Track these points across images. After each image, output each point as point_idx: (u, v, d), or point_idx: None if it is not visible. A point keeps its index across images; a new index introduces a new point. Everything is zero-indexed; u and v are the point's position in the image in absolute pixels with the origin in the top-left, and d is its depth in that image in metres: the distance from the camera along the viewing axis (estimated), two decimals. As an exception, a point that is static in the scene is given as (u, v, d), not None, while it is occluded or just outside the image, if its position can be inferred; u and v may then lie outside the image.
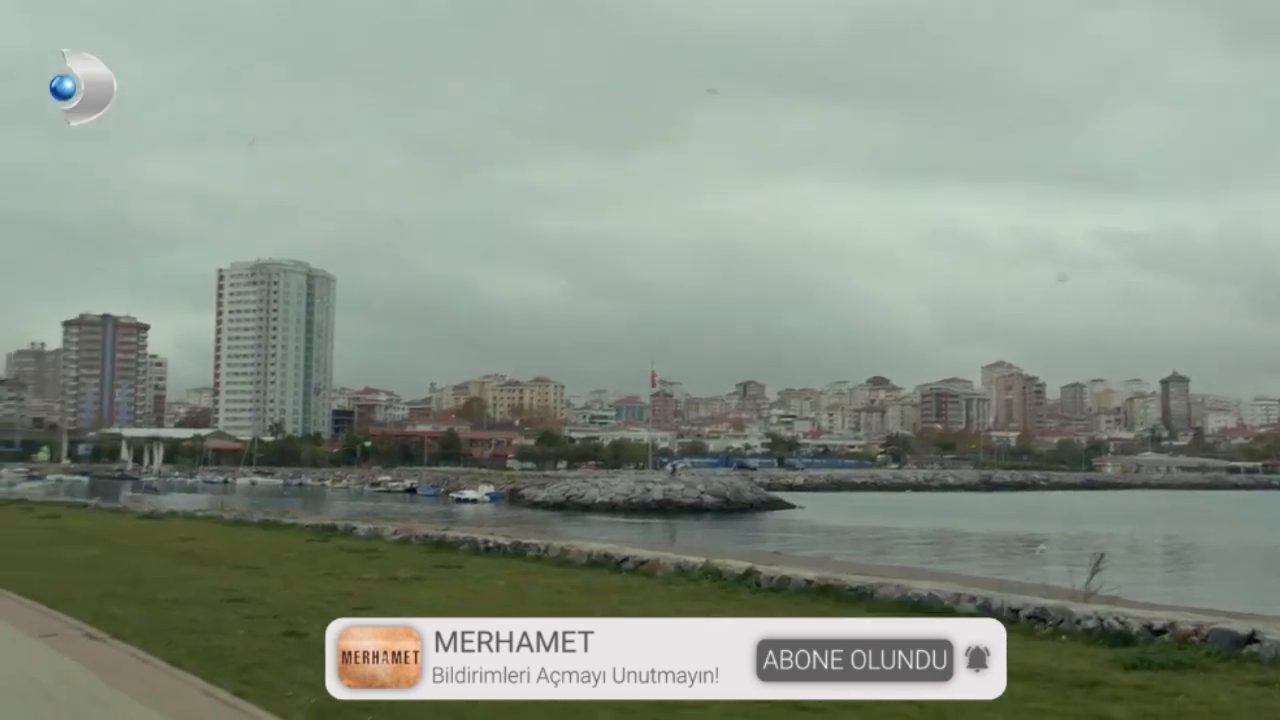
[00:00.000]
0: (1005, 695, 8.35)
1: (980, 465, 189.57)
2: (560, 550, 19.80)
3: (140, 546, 23.10)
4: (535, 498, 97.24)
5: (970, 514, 75.58)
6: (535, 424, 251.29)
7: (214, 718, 7.74)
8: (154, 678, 9.18)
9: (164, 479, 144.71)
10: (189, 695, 8.48)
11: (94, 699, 8.35)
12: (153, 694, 8.51)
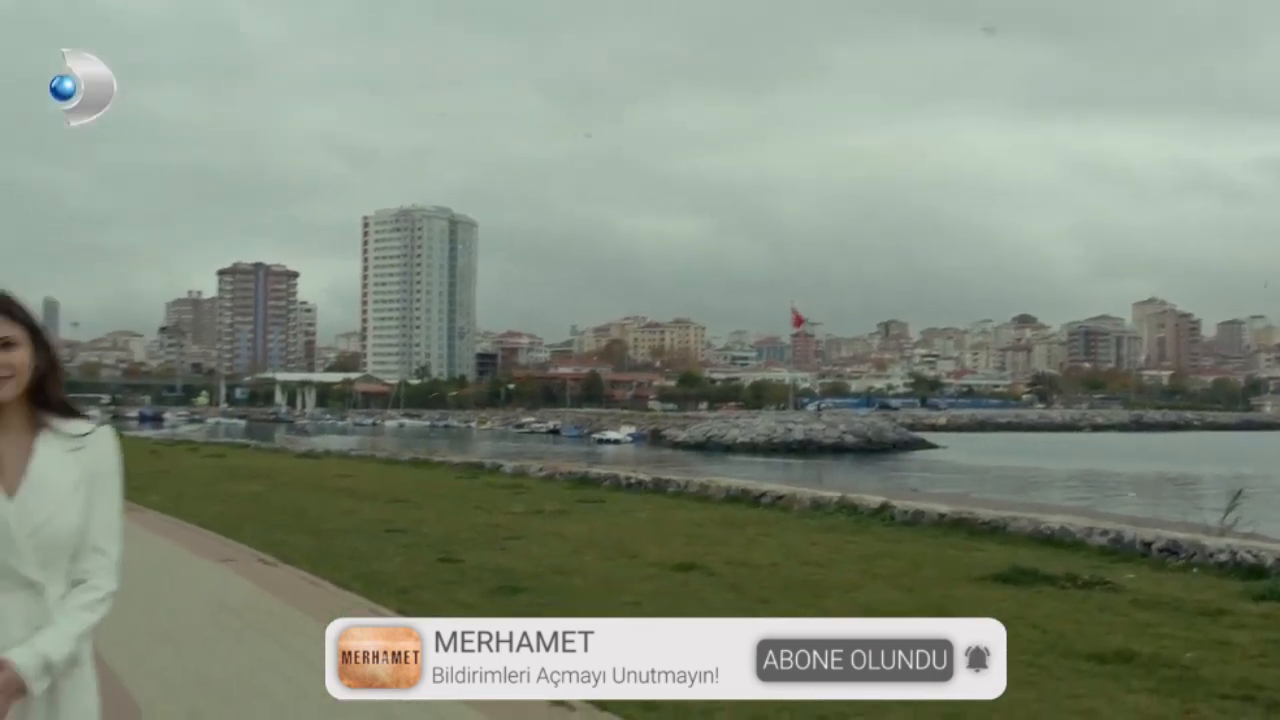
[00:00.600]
0: (1127, 620, 8.63)
1: (1130, 405, 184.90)
2: (700, 486, 20.31)
3: (301, 483, 24.29)
4: (676, 438, 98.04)
5: (1119, 454, 74.05)
6: (676, 365, 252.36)
7: (380, 632, 8.38)
8: (323, 597, 9.93)
9: (316, 421, 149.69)
10: (357, 612, 9.16)
11: (273, 615, 9.10)
12: (324, 611, 9.21)
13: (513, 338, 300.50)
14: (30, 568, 2.51)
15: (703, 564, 11.54)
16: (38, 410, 2.63)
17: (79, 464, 2.61)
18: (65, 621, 2.52)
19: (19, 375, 2.57)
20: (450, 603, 9.49)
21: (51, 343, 2.66)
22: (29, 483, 2.55)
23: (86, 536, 2.60)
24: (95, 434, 2.67)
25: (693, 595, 9.91)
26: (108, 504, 2.65)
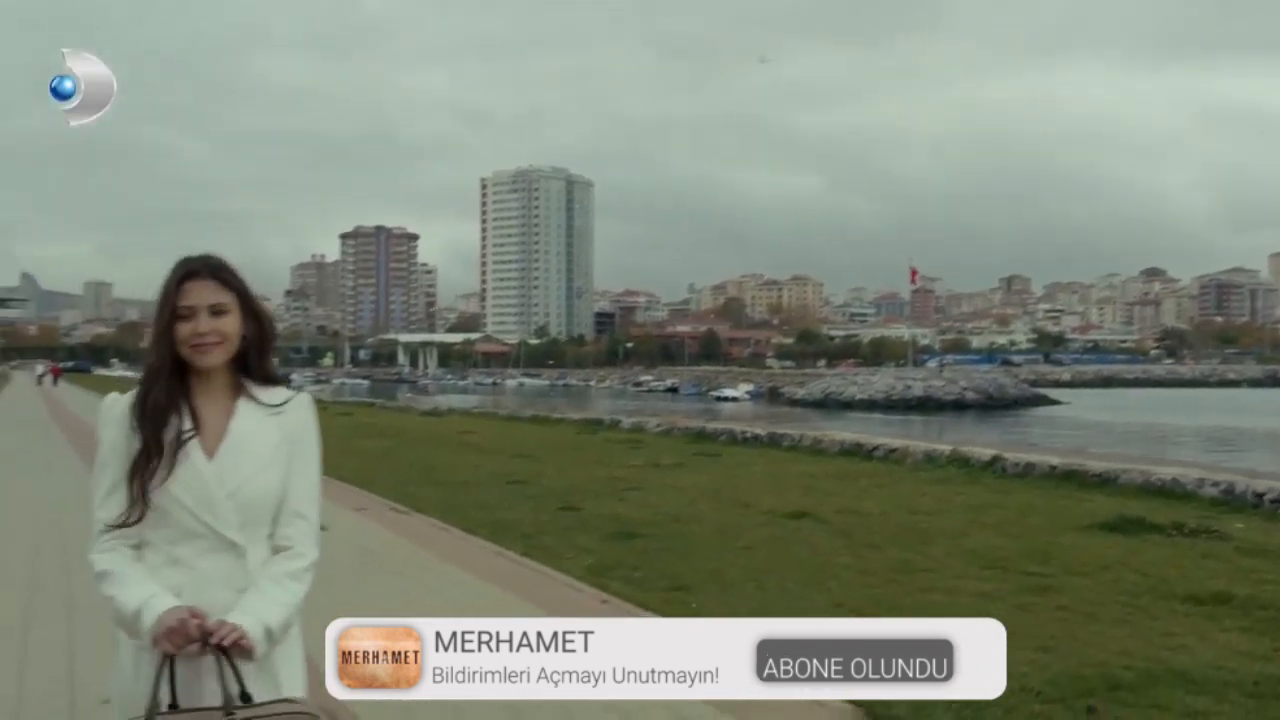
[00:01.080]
0: (1230, 566, 8.80)
1: (1265, 360, 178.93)
2: (814, 440, 20.62)
3: (426, 439, 25.14)
4: (795, 395, 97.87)
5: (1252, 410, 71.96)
6: (794, 322, 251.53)
7: (507, 573, 8.94)
8: (453, 542, 10.54)
9: (438, 381, 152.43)
10: (484, 556, 9.75)
11: (408, 559, 9.71)
12: (454, 555, 9.83)
13: (630, 296, 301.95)
14: (231, 529, 2.52)
15: (814, 512, 11.91)
16: (241, 377, 2.65)
17: (278, 428, 2.62)
18: (278, 591, 2.51)
19: (228, 342, 2.59)
20: (570, 547, 10.03)
21: (261, 310, 2.67)
22: (228, 444, 2.55)
23: (287, 501, 2.60)
24: (294, 400, 2.69)
25: (803, 541, 10.30)
26: (307, 470, 2.65)
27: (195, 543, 2.50)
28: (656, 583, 8.47)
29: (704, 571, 8.90)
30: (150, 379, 2.56)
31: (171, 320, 2.55)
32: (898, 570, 8.91)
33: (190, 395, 2.58)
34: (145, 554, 2.52)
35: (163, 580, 2.47)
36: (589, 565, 9.15)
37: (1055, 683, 5.81)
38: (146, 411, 2.52)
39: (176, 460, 2.50)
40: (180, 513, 2.49)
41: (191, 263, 2.60)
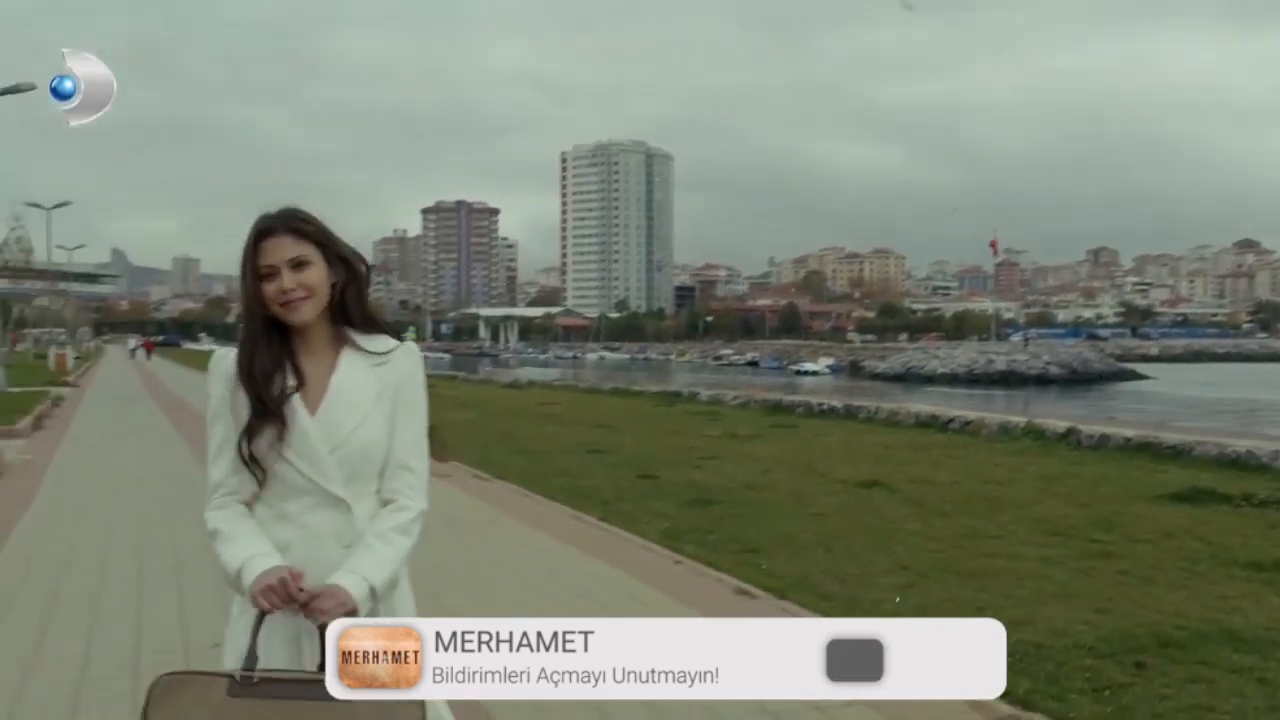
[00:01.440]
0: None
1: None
2: (890, 412, 20.79)
3: (508, 410, 25.68)
4: (875, 369, 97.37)
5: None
6: (875, 296, 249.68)
7: (585, 536, 9.33)
8: (534, 508, 10.96)
9: (519, 355, 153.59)
10: (563, 520, 10.15)
11: (491, 523, 10.15)
12: (535, 519, 10.25)
13: (710, 270, 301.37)
14: (336, 485, 2.48)
15: (887, 482, 12.17)
16: (340, 327, 2.58)
17: (381, 379, 2.55)
18: (384, 547, 2.47)
19: (315, 295, 2.52)
20: (647, 513, 10.40)
21: (348, 255, 2.60)
22: (330, 398, 2.51)
23: (393, 453, 2.55)
24: (399, 349, 2.61)
25: (873, 509, 10.58)
26: (413, 421, 2.59)
27: (302, 499, 2.49)
28: (729, 546, 8.81)
29: (775, 536, 9.23)
30: (248, 341, 2.52)
31: (256, 281, 2.50)
32: (964, 536, 9.16)
33: (292, 352, 2.53)
34: (256, 510, 2.52)
35: (272, 536, 2.48)
36: (664, 529, 9.51)
37: (1108, 640, 6.06)
38: (249, 373, 2.49)
39: (285, 418, 2.47)
40: (286, 470, 2.48)
41: (266, 219, 2.54)
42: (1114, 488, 11.70)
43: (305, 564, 2.44)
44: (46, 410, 24.38)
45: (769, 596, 7.12)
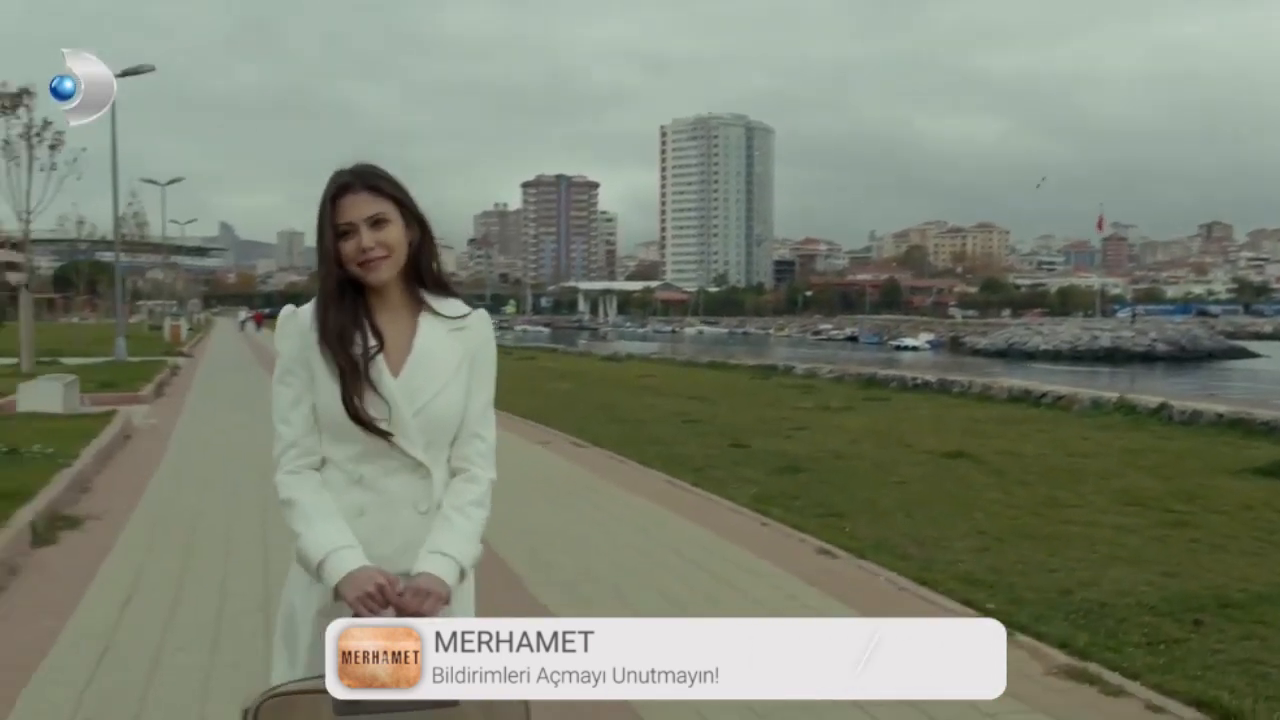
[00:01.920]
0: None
1: None
2: (983, 386, 20.93)
3: (606, 382, 26.24)
4: (976, 345, 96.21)
5: None
6: (978, 271, 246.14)
7: (677, 499, 9.80)
8: (629, 472, 11.46)
9: (617, 328, 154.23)
10: (657, 485, 10.63)
11: (588, 486, 10.66)
12: (630, 483, 10.74)
13: (810, 244, 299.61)
14: (417, 448, 2.44)
15: (972, 453, 12.46)
16: (417, 288, 2.55)
17: (461, 344, 2.52)
18: (465, 523, 2.45)
19: (394, 254, 2.46)
20: (737, 478, 10.84)
21: (423, 215, 2.54)
22: (413, 361, 2.46)
23: (466, 421, 2.52)
24: (475, 316, 2.57)
25: (957, 478, 10.90)
26: (485, 389, 2.57)
27: (380, 462, 2.44)
28: (813, 510, 9.22)
29: (859, 501, 9.61)
30: (327, 300, 2.46)
31: (335, 239, 2.44)
32: (1043, 505, 9.46)
33: (370, 312, 2.48)
34: (328, 473, 2.48)
35: (346, 501, 2.44)
36: (753, 494, 9.94)
37: (1169, 600, 6.38)
38: (333, 334, 2.43)
39: (364, 379, 2.42)
40: (366, 432, 2.42)
41: (342, 175, 2.47)
42: (1199, 462, 11.86)
43: (380, 530, 2.42)
44: (166, 378, 25.52)
45: (849, 556, 7.53)
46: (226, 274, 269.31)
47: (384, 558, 2.38)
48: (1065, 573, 7.07)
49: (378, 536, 2.41)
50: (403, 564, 2.39)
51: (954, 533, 8.33)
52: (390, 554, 2.39)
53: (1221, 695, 4.83)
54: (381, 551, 2.39)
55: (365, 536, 2.39)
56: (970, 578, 6.91)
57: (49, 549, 7.65)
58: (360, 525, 2.41)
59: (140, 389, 21.25)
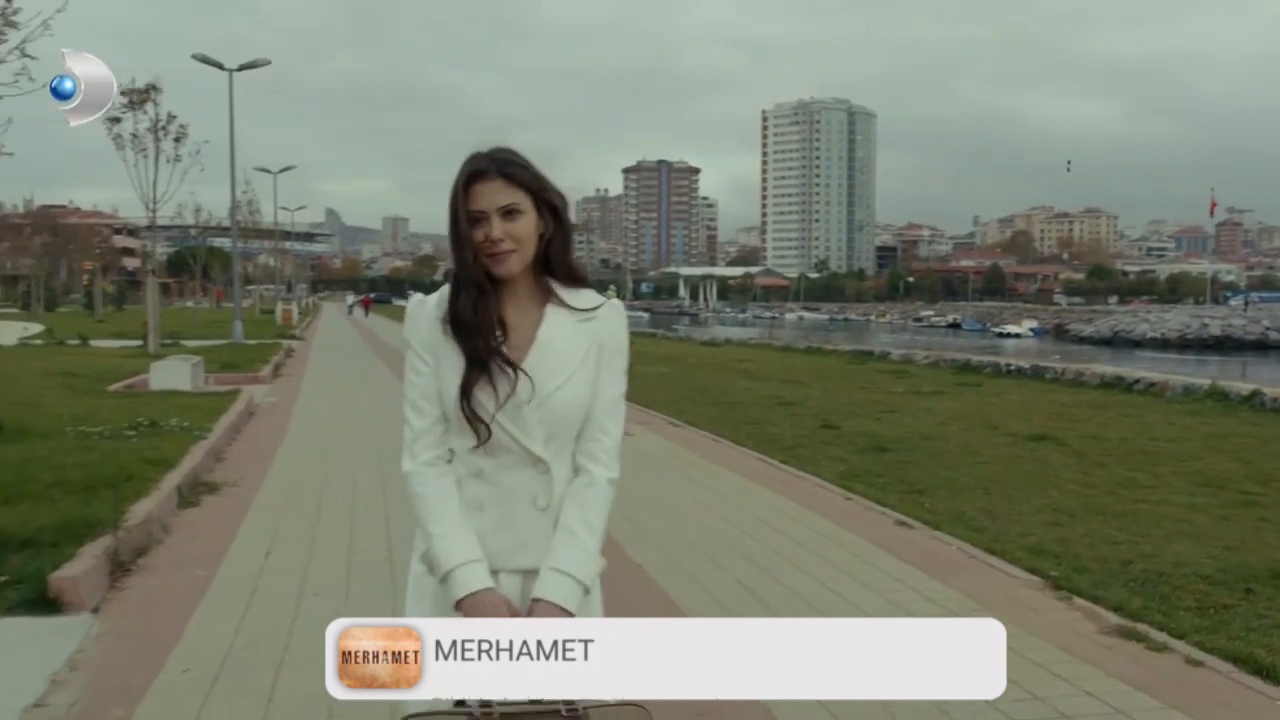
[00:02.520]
0: None
1: None
2: (1076, 372, 21.10)
3: (703, 366, 26.81)
4: (1081, 332, 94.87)
5: None
6: (1085, 258, 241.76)
7: (768, 475, 10.36)
8: (722, 450, 12.05)
9: (717, 314, 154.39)
10: (748, 462, 11.20)
11: (683, 462, 11.28)
12: (723, 460, 11.33)
13: (913, 230, 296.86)
14: (536, 443, 2.38)
15: (1056, 436, 12.81)
16: (546, 279, 2.48)
17: (588, 335, 2.44)
18: (588, 536, 2.39)
19: (523, 248, 2.39)
20: (826, 457, 11.36)
21: (558, 204, 2.46)
22: (536, 353, 2.40)
23: (592, 415, 2.44)
24: (606, 306, 2.50)
25: (1038, 459, 11.29)
26: (613, 383, 2.48)
27: (500, 456, 2.39)
28: (896, 486, 9.72)
29: (940, 479, 10.08)
30: (459, 288, 2.41)
31: (467, 224, 2.39)
32: (1119, 485, 9.84)
33: (498, 301, 2.42)
34: (454, 464, 2.45)
35: (467, 494, 2.41)
36: (840, 472, 10.46)
37: (1225, 571, 6.80)
38: (464, 323, 2.39)
39: (488, 367, 2.37)
40: (491, 425, 2.38)
41: (478, 160, 2.41)
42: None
43: (499, 526, 2.40)
44: (281, 360, 26.69)
45: (925, 528, 8.03)
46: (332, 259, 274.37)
47: (502, 552, 2.39)
48: (1129, 545, 7.50)
49: (496, 531, 2.39)
50: (520, 560, 2.39)
51: (1027, 508, 8.77)
52: (508, 549, 2.39)
53: (1258, 652, 5.27)
54: (499, 546, 2.39)
55: (484, 531, 2.39)
56: (1038, 548, 7.38)
57: (193, 510, 8.49)
58: (479, 519, 2.40)
59: (259, 370, 22.38)
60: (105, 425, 11.74)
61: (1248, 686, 4.93)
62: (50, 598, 5.65)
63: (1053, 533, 7.91)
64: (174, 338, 32.03)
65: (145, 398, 15.52)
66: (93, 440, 10.69)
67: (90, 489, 7.99)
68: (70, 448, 10.10)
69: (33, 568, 5.92)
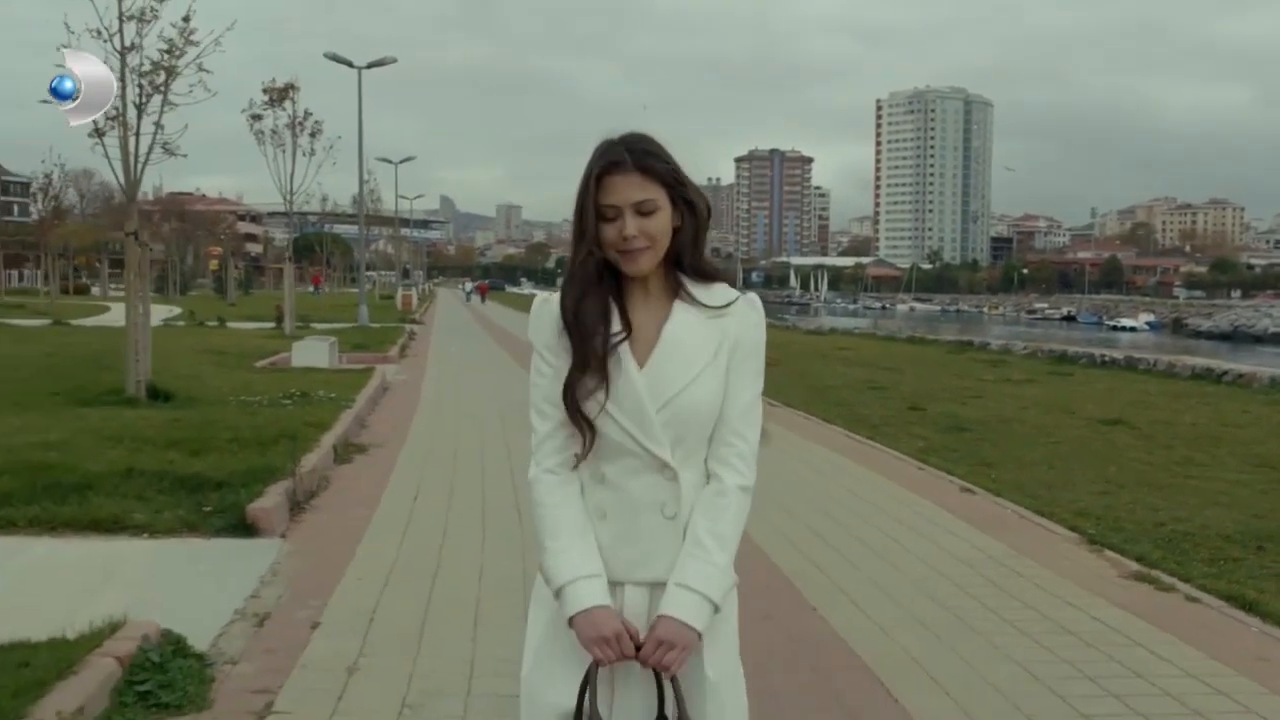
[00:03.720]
0: None
1: None
2: (1168, 364, 21.70)
3: (806, 353, 27.80)
4: (1199, 327, 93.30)
5: None
6: (1208, 250, 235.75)
7: (852, 449, 11.44)
8: (813, 427, 13.15)
9: (828, 304, 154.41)
10: (836, 438, 12.28)
11: (777, 436, 12.25)
12: (813, 435, 12.44)
13: (1029, 221, 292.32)
14: (663, 447, 2.23)
15: (1130, 420, 13.65)
16: (677, 274, 2.34)
17: (719, 332, 2.29)
18: (716, 548, 2.24)
19: (657, 245, 2.26)
20: (909, 435, 12.39)
21: (695, 199, 2.31)
22: (661, 351, 2.26)
23: (725, 418, 2.30)
24: (741, 301, 2.35)
25: (1107, 440, 12.18)
26: (748, 384, 2.33)
27: (624, 461, 2.26)
28: (968, 460, 10.72)
29: (1010, 455, 11.06)
30: (575, 283, 2.28)
31: (595, 219, 2.25)
32: (1176, 463, 10.72)
33: (621, 298, 2.30)
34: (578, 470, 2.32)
35: (590, 502, 2.29)
36: (919, 447, 11.49)
37: (1244, 532, 7.73)
38: (575, 320, 2.26)
39: (608, 370, 2.24)
40: (609, 426, 2.24)
41: (613, 150, 2.26)
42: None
43: (622, 535, 2.27)
44: (405, 342, 28.35)
45: (986, 494, 9.06)
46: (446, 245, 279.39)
47: (627, 563, 2.26)
48: (1166, 512, 8.45)
49: (620, 541, 2.26)
50: (646, 572, 2.26)
51: (1083, 480, 9.73)
52: (633, 560, 2.26)
53: (1249, 593, 6.23)
54: (624, 557, 2.26)
55: (607, 541, 2.26)
56: (1083, 512, 8.36)
57: (347, 465, 9.88)
58: (603, 528, 2.27)
59: (388, 350, 24.04)
60: (262, 395, 13.30)
61: (1232, 618, 5.92)
62: (248, 524, 7.00)
63: (1101, 500, 8.87)
64: (304, 320, 33.94)
65: (290, 373, 17.12)
66: (254, 407, 12.21)
67: (263, 445, 9.42)
68: (238, 413, 11.64)
69: (230, 501, 7.30)
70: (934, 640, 5.46)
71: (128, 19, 11.98)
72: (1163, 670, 5.05)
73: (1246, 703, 4.67)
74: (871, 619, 5.78)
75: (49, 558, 6.31)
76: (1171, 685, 4.85)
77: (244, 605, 5.64)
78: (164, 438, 9.57)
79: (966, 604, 6.03)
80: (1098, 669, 5.05)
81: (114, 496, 7.36)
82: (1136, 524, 8.01)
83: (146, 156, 12.27)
